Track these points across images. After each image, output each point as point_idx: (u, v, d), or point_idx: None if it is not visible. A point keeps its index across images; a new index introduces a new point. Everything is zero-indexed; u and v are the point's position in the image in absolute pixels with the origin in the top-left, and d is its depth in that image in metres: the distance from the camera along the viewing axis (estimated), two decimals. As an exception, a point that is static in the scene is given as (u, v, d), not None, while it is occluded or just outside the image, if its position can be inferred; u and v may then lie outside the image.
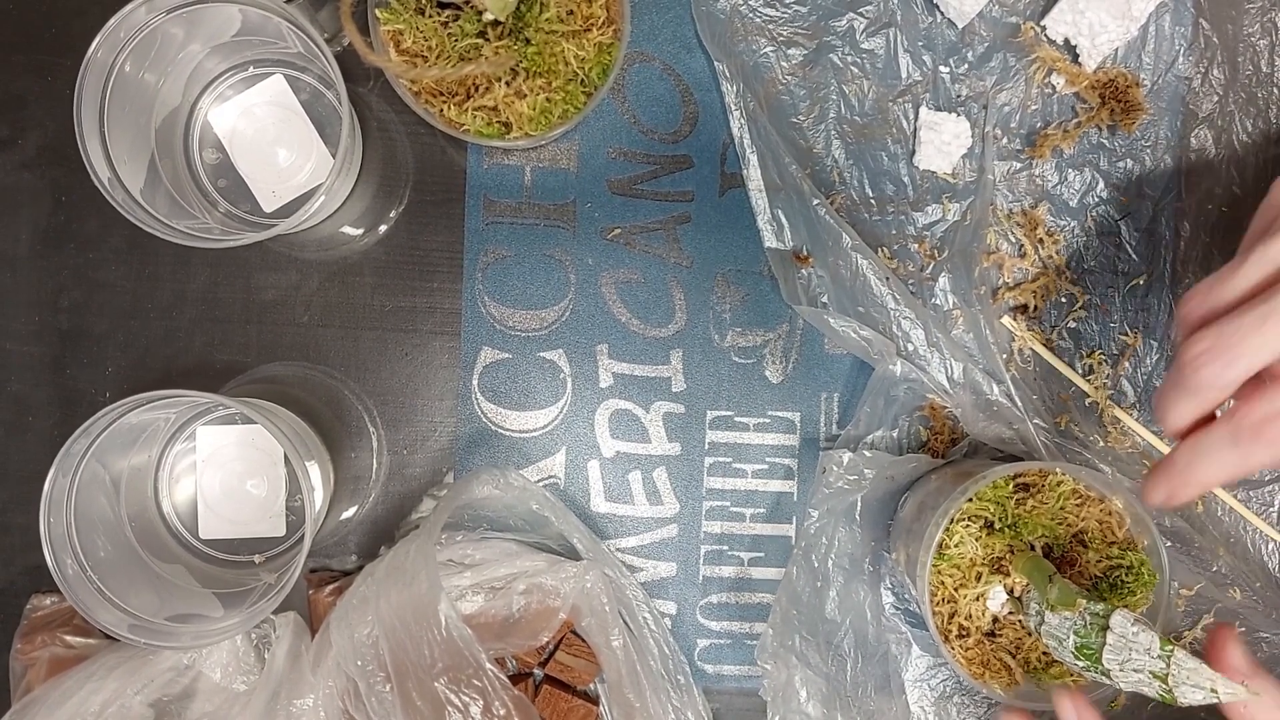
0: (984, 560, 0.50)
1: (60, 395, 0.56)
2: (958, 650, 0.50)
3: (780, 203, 0.56)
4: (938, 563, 0.49)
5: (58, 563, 0.47)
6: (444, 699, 0.46)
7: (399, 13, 0.50)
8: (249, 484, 0.56)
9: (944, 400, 0.56)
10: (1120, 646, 0.42)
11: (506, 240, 0.58)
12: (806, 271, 0.56)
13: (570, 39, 0.50)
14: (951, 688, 0.57)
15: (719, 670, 0.58)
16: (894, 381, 0.55)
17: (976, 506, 0.49)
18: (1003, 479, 0.50)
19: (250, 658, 0.53)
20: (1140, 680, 0.42)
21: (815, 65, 0.57)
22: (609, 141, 0.58)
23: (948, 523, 0.49)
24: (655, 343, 0.58)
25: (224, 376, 0.57)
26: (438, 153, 0.58)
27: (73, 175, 0.56)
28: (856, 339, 0.55)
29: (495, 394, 0.58)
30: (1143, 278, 0.58)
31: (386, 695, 0.47)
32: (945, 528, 0.49)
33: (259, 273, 0.57)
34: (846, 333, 0.55)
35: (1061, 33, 0.56)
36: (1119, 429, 0.57)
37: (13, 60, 0.56)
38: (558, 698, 0.55)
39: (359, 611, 0.49)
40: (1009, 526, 0.49)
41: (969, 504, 0.49)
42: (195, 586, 0.54)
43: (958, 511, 0.49)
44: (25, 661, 0.54)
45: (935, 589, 0.50)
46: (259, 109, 0.55)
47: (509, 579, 0.54)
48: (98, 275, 0.57)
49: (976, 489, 0.49)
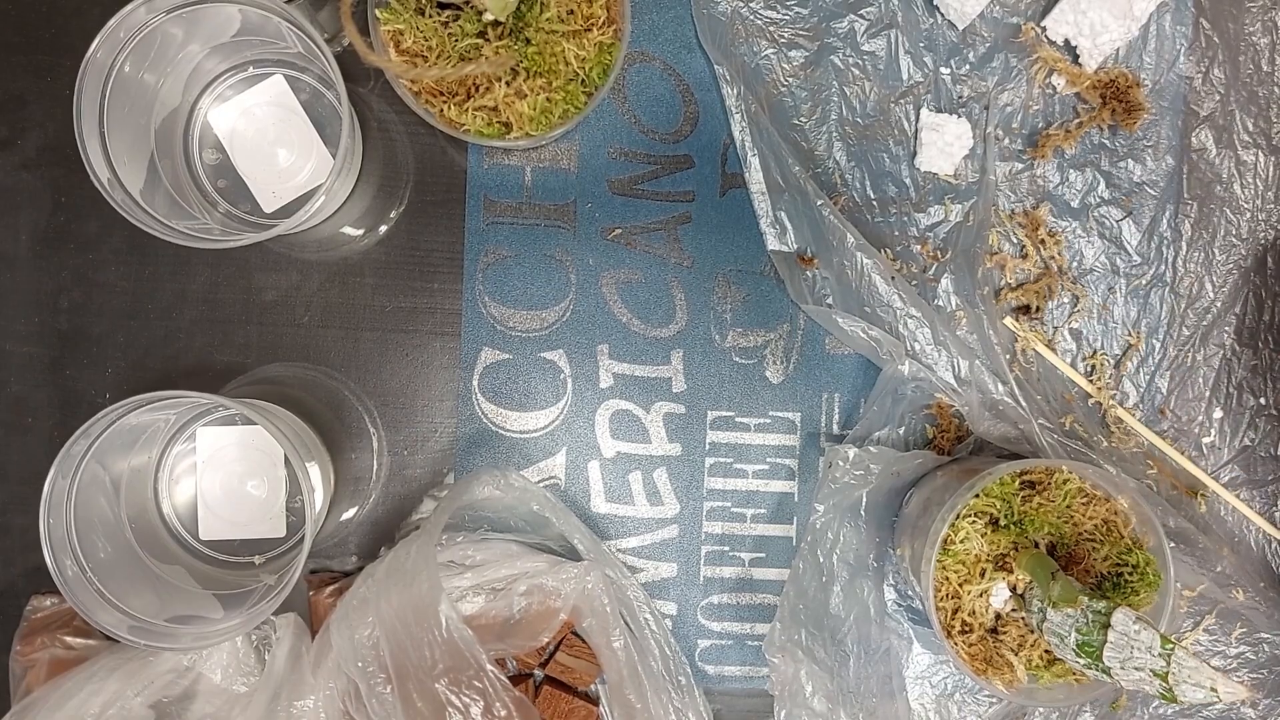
0: (988, 557, 0.50)
1: (60, 396, 0.56)
2: (960, 646, 0.50)
3: (783, 204, 0.56)
4: (942, 558, 0.49)
5: (57, 564, 0.47)
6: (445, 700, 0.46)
7: (399, 13, 0.49)
8: (249, 485, 0.56)
9: (952, 399, 0.56)
10: (1122, 644, 0.42)
11: (507, 240, 0.58)
12: (811, 273, 0.56)
13: (571, 39, 0.50)
14: (953, 685, 0.57)
15: (720, 671, 0.58)
16: (902, 380, 0.55)
17: (983, 503, 0.49)
18: (1009, 476, 0.49)
19: (250, 659, 0.53)
20: (1141, 678, 0.41)
21: (817, 67, 0.57)
22: (609, 141, 0.58)
23: (954, 518, 0.49)
24: (656, 343, 0.58)
25: (224, 377, 0.57)
26: (438, 153, 0.58)
27: (72, 176, 0.56)
28: (865, 339, 0.55)
29: (496, 394, 0.58)
30: (1145, 278, 0.58)
31: (387, 696, 0.47)
32: (951, 523, 0.48)
33: (259, 273, 0.57)
34: (855, 332, 0.55)
35: (1062, 33, 0.56)
36: (1122, 429, 0.57)
37: (12, 61, 0.56)
38: (558, 698, 0.55)
39: (359, 612, 0.49)
40: (1014, 524, 0.49)
41: (975, 500, 0.49)
42: (195, 588, 0.54)
43: (964, 507, 0.49)
44: (25, 663, 0.53)
45: (939, 585, 0.50)
46: (259, 109, 0.55)
47: (510, 580, 0.54)
48: (97, 276, 0.56)
49: (983, 485, 0.49)
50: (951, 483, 0.51)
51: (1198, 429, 0.58)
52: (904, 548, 0.54)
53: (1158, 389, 0.58)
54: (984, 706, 0.57)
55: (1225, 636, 0.57)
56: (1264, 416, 0.58)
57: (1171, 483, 0.57)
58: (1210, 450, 0.58)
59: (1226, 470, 0.58)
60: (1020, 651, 0.50)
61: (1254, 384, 0.58)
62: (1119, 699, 0.57)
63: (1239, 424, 0.58)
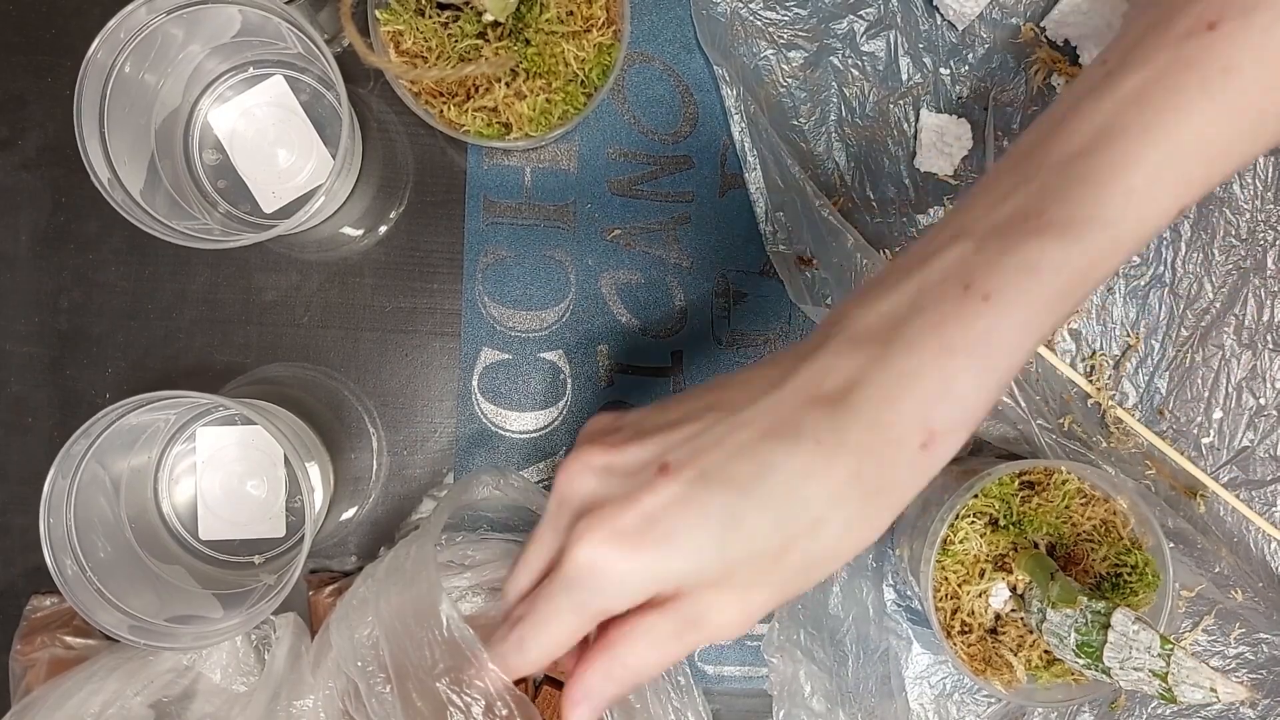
0: (988, 557, 0.50)
1: (60, 396, 0.56)
2: (960, 647, 0.50)
3: (782, 206, 0.56)
4: (942, 558, 0.49)
5: (57, 564, 0.47)
6: (445, 699, 0.46)
7: (399, 13, 0.50)
8: (249, 485, 0.56)
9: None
10: (1121, 645, 0.42)
11: (506, 241, 0.58)
12: (811, 274, 0.56)
13: (570, 40, 0.50)
14: (952, 685, 0.57)
15: (719, 670, 0.58)
16: None
17: (982, 503, 0.49)
18: (1008, 476, 0.49)
19: (250, 659, 0.53)
20: (1140, 679, 0.42)
21: (816, 68, 0.57)
22: (609, 142, 0.58)
23: (953, 518, 0.49)
24: (655, 343, 0.58)
25: (224, 377, 0.57)
26: (438, 153, 0.58)
27: (72, 176, 0.56)
28: None
29: (495, 395, 0.58)
30: (1144, 278, 0.58)
31: (387, 696, 0.47)
32: (950, 523, 0.48)
33: (259, 273, 0.57)
34: None
35: (1062, 34, 0.56)
36: (1121, 429, 0.57)
37: (12, 61, 0.56)
38: (556, 698, 0.55)
39: (359, 612, 0.49)
40: (1014, 524, 0.49)
41: (974, 500, 0.49)
42: (195, 588, 0.54)
43: (963, 507, 0.49)
44: (25, 663, 0.53)
45: (939, 585, 0.50)
46: (259, 110, 0.55)
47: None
48: (97, 276, 0.56)
49: (982, 485, 0.49)
50: (950, 483, 0.51)
51: (1197, 429, 0.58)
52: (903, 548, 0.54)
53: (1157, 389, 0.58)
54: (983, 706, 0.57)
55: (1224, 637, 0.57)
56: (1263, 417, 0.58)
57: (1170, 483, 0.57)
58: (1209, 451, 0.58)
59: (1225, 471, 0.58)
60: (1019, 652, 0.50)
61: (1253, 385, 0.58)
62: (1118, 699, 0.57)
63: (1238, 425, 0.58)
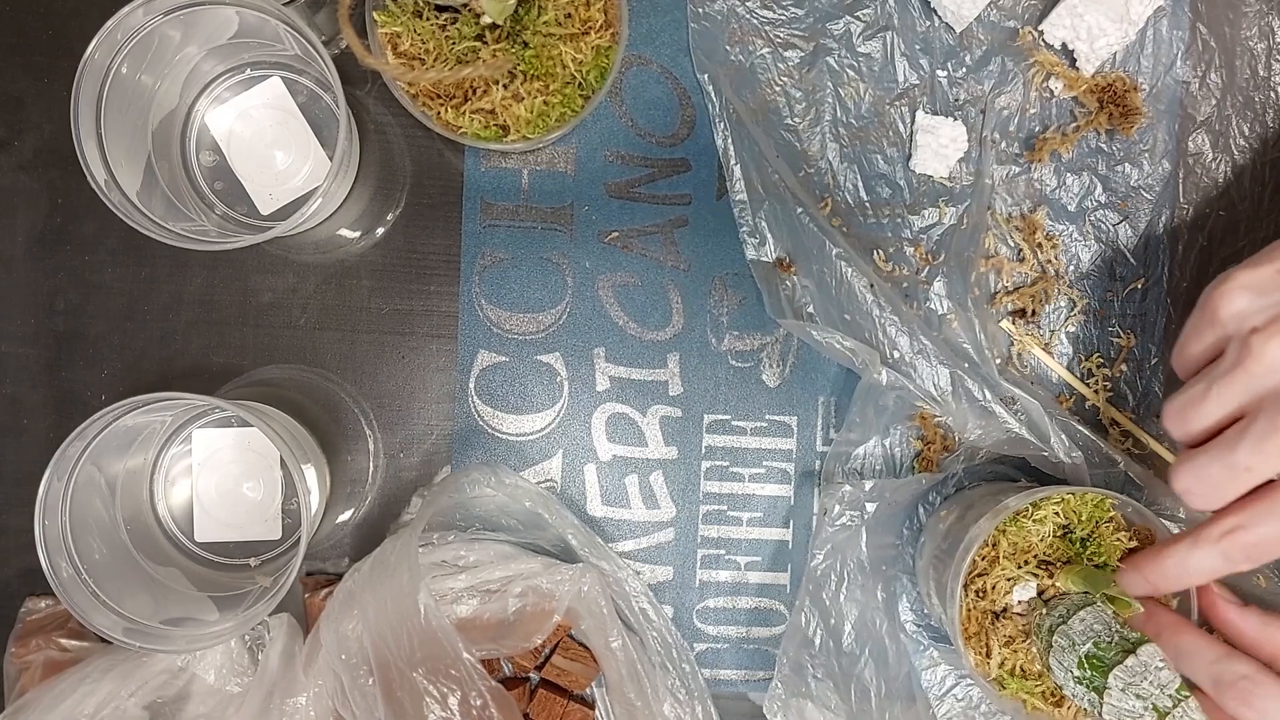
0: (1042, 553, 0.50)
1: (56, 397, 0.56)
2: (968, 599, 0.50)
3: (764, 212, 0.56)
4: (1008, 525, 0.49)
5: (52, 566, 0.47)
6: (422, 689, 0.46)
7: (396, 15, 0.50)
8: (245, 487, 0.56)
9: (932, 408, 0.56)
10: (1136, 671, 0.42)
11: (504, 243, 0.58)
12: (791, 281, 0.56)
13: (568, 42, 0.50)
14: (978, 697, 0.57)
15: (716, 675, 0.58)
16: (881, 391, 0.55)
17: (1068, 505, 0.50)
18: (1106, 500, 0.50)
19: (244, 659, 0.53)
20: (1135, 708, 0.42)
21: (812, 68, 0.57)
22: (606, 145, 0.58)
23: (1038, 498, 0.49)
24: (652, 346, 0.58)
25: (220, 379, 0.57)
26: (435, 155, 0.58)
27: (69, 177, 0.56)
28: (840, 349, 0.54)
29: (491, 397, 0.58)
30: (1140, 282, 0.58)
31: (369, 688, 0.47)
32: (1034, 501, 0.49)
33: (255, 275, 0.57)
34: (830, 344, 0.54)
35: (1059, 37, 0.56)
36: (1118, 431, 0.57)
37: (10, 62, 0.56)
38: (553, 702, 0.55)
39: (345, 606, 0.49)
40: (1084, 539, 0.49)
41: (1060, 502, 0.50)
42: (190, 590, 0.54)
43: (1045, 500, 0.49)
44: (19, 665, 0.53)
45: (991, 541, 0.49)
46: (256, 111, 0.55)
47: (505, 582, 0.54)
48: (94, 277, 0.56)
49: (1080, 493, 0.50)
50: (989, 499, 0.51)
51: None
52: (943, 519, 0.54)
53: (1154, 393, 0.58)
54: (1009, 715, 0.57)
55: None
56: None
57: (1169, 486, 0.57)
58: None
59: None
60: (1005, 647, 0.50)
61: (1250, 388, 0.58)
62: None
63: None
